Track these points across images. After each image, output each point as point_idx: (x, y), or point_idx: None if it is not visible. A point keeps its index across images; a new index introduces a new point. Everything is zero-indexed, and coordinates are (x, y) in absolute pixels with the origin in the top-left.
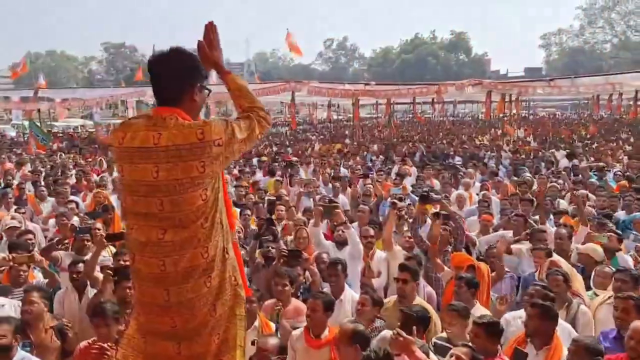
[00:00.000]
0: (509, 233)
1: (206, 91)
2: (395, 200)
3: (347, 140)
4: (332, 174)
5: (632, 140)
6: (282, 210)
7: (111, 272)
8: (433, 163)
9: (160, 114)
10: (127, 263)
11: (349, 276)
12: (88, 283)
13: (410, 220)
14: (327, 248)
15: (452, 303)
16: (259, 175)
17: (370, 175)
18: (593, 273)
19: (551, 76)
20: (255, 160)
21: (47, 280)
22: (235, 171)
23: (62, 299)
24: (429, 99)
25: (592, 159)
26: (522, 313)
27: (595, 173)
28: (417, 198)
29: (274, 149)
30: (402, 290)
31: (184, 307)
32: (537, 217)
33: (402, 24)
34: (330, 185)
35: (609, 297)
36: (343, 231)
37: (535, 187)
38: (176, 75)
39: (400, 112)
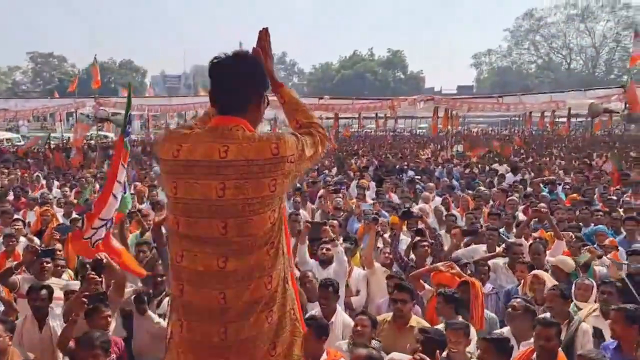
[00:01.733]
0: (482, 247)
1: (267, 102)
2: (376, 217)
3: None
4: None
5: (562, 155)
6: None
7: (85, 300)
8: (388, 177)
9: (226, 123)
10: (104, 289)
11: None
12: (49, 311)
13: (386, 236)
14: (311, 267)
15: (453, 321)
16: None
17: (341, 189)
18: (574, 286)
19: (481, 94)
20: None
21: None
22: None
23: (20, 329)
24: (372, 114)
25: (532, 173)
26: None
27: (547, 186)
28: (387, 214)
29: None
30: (400, 310)
31: (243, 346)
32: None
33: (341, 41)
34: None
35: (594, 310)
36: (328, 249)
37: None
38: (245, 82)
39: (341, 127)
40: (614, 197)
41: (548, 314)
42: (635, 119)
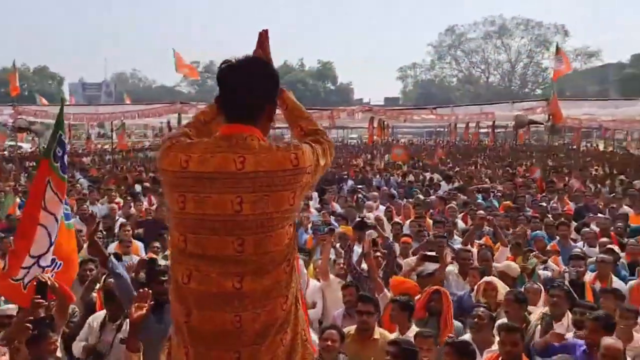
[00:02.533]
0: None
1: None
2: (333, 228)
3: None
4: None
5: (486, 164)
6: None
7: (29, 326)
8: (329, 186)
9: (239, 132)
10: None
11: None
12: None
13: (337, 247)
14: None
15: (422, 330)
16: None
17: None
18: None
19: (406, 105)
20: (138, 187)
21: None
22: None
23: None
24: None
25: (461, 182)
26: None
27: (481, 194)
28: (337, 225)
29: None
30: (366, 322)
31: None
32: None
33: (271, 50)
34: None
35: (545, 313)
36: None
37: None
38: (260, 89)
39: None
40: (544, 204)
41: (505, 319)
42: (557, 130)
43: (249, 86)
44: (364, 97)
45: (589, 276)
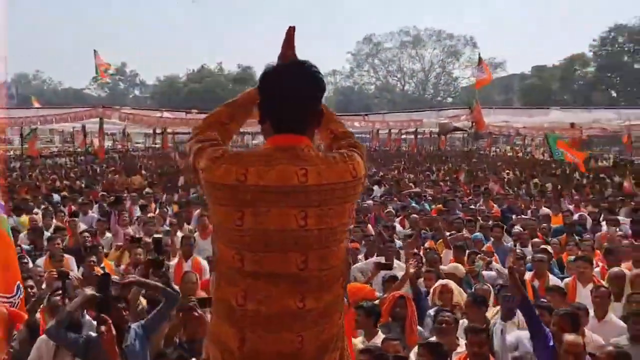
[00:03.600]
0: (381, 259)
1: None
2: None
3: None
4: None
5: (408, 168)
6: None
7: None
8: None
9: (297, 143)
10: None
11: None
12: None
13: None
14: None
15: (389, 336)
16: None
17: None
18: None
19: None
20: (57, 197)
21: None
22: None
23: None
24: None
25: (387, 186)
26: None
27: (414, 198)
28: None
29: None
30: None
31: None
32: None
33: (188, 53)
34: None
35: (497, 313)
36: None
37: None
38: (313, 97)
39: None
40: (473, 207)
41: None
42: (480, 136)
43: (303, 95)
44: None
45: (527, 275)
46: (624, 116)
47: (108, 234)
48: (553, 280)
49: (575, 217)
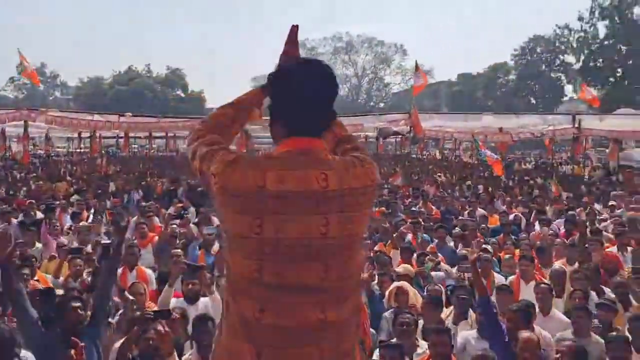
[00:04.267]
0: None
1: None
2: None
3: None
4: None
5: None
6: None
7: None
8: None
9: (314, 147)
10: None
11: None
12: None
13: None
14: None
15: None
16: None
17: (185, 215)
18: (425, 292)
19: None
20: None
21: None
22: None
23: None
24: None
25: None
26: None
27: None
28: None
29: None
30: None
31: None
32: None
33: (113, 54)
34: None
35: (450, 313)
36: (194, 283)
37: None
38: (332, 98)
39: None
40: (415, 209)
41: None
42: (417, 140)
43: (323, 96)
44: (215, 106)
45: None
46: (549, 121)
47: (38, 244)
48: (498, 277)
49: (511, 217)
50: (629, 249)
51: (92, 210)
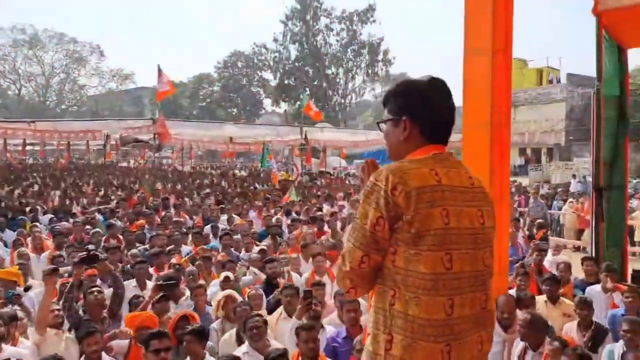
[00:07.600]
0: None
1: None
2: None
3: None
4: None
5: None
6: None
7: None
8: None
9: (448, 152)
10: None
11: None
12: None
13: None
14: None
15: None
16: None
17: None
18: None
19: None
20: None
21: None
22: None
23: None
24: None
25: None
26: None
27: (105, 214)
28: None
29: None
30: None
31: None
32: None
33: None
34: None
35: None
36: None
37: None
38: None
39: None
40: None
41: None
42: (162, 147)
43: (454, 108)
44: None
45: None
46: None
47: None
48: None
49: (273, 220)
50: None
51: None
